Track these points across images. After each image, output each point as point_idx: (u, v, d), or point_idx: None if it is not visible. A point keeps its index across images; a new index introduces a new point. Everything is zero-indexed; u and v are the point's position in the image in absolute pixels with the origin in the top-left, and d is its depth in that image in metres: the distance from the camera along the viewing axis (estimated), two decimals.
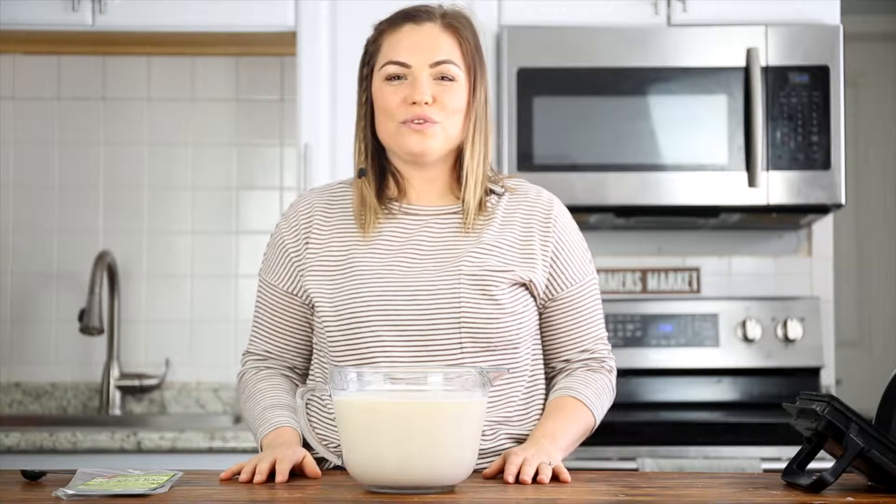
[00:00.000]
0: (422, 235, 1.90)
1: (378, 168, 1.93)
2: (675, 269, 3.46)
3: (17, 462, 2.72)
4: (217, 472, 1.75)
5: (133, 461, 2.83)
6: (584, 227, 3.38)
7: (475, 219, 1.89)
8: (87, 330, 3.28)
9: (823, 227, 3.47)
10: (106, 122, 3.53)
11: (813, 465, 1.62)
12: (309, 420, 1.87)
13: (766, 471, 2.67)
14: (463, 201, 1.90)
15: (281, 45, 3.36)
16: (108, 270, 3.39)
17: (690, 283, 3.45)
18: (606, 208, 3.13)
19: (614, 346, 3.33)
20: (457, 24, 1.90)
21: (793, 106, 3.10)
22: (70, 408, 3.45)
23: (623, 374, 3.34)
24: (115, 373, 3.41)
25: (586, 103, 3.11)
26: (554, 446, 1.77)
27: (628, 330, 3.33)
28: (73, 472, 1.64)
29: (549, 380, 1.98)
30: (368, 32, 1.97)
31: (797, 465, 1.62)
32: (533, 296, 1.91)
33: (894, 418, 1.58)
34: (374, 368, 1.72)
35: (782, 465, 1.69)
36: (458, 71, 1.88)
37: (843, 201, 3.11)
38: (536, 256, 1.90)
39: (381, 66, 1.88)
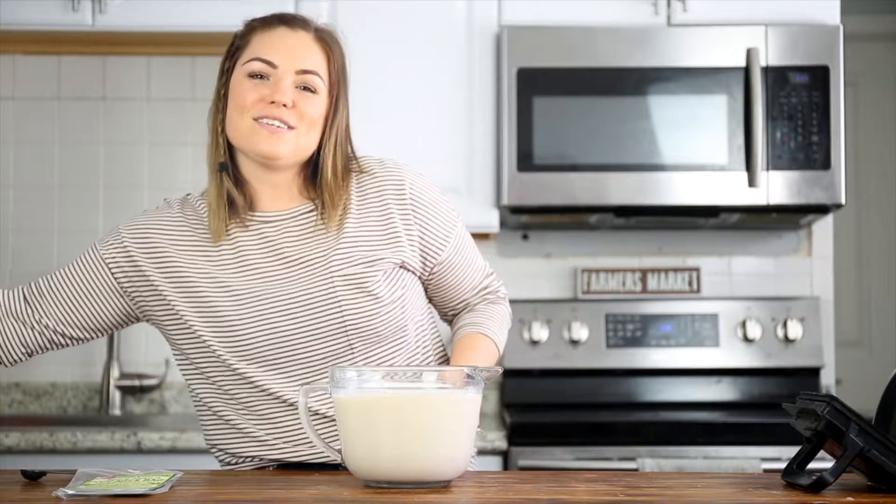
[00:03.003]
0: (282, 241, 1.87)
1: (225, 178, 1.89)
2: (675, 269, 3.46)
3: (17, 462, 2.72)
4: (217, 472, 1.75)
5: (133, 461, 2.83)
6: (584, 227, 3.41)
7: (331, 212, 1.87)
8: None
9: (823, 227, 3.47)
10: (106, 122, 3.53)
11: (813, 465, 1.62)
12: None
13: (766, 471, 2.67)
14: (324, 204, 1.87)
15: None
16: None
17: (690, 283, 3.45)
18: (606, 208, 3.13)
19: (614, 345, 3.33)
20: (328, 40, 1.90)
21: (793, 106, 3.10)
22: (70, 408, 3.45)
23: (623, 374, 3.36)
24: (115, 373, 3.41)
25: (586, 103, 3.11)
26: None
27: (628, 330, 3.34)
28: (73, 472, 1.64)
29: (450, 324, 2.03)
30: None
31: (797, 465, 1.62)
32: (410, 271, 1.91)
33: (894, 418, 1.58)
34: (372, 368, 1.73)
35: (782, 465, 1.69)
36: (322, 84, 1.86)
37: (843, 201, 3.11)
38: (401, 237, 1.89)
39: (246, 62, 1.86)
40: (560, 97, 3.11)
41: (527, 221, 3.33)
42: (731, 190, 3.10)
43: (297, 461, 1.86)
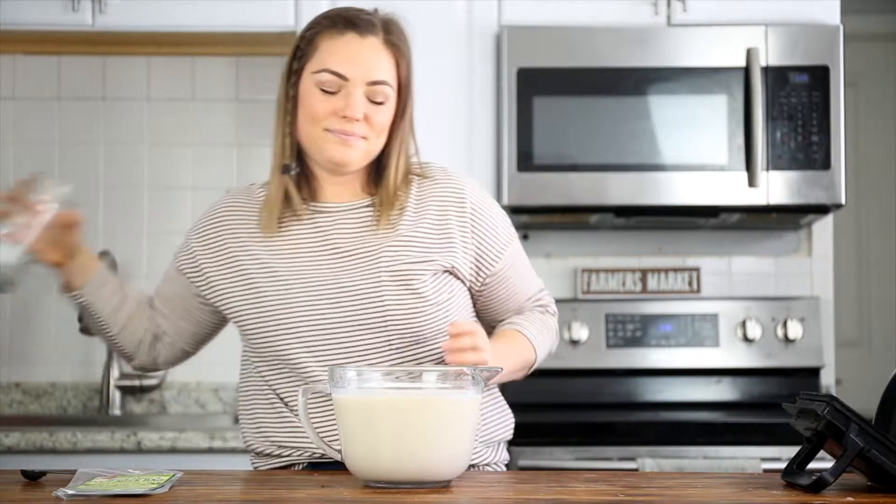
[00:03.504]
0: (336, 232, 1.90)
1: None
2: (675, 269, 3.46)
3: (17, 462, 2.71)
4: (217, 472, 1.75)
5: (133, 461, 2.83)
6: (584, 227, 3.41)
7: (388, 210, 1.90)
8: (87, 330, 3.27)
9: (823, 227, 3.47)
10: (106, 122, 3.53)
11: (813, 465, 1.62)
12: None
13: (766, 471, 2.67)
14: (383, 202, 1.90)
15: (281, 45, 3.35)
16: None
17: (690, 283, 3.45)
18: (606, 208, 3.13)
19: (614, 345, 3.33)
20: (397, 42, 1.89)
21: (793, 106, 3.10)
22: (70, 408, 3.45)
23: (623, 374, 3.35)
24: (115, 373, 3.41)
25: (586, 103, 3.11)
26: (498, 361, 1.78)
27: (628, 330, 3.34)
28: (73, 472, 1.64)
29: None
30: None
31: (797, 465, 1.62)
32: (460, 279, 1.92)
33: (894, 418, 1.58)
34: (372, 368, 1.73)
35: (782, 465, 1.69)
36: (391, 92, 1.88)
37: (843, 201, 3.11)
38: (456, 243, 1.90)
39: (317, 71, 1.86)
40: (560, 97, 3.11)
41: (527, 221, 3.33)
42: (731, 190, 3.10)
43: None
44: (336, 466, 1.72)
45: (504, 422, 1.99)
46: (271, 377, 1.91)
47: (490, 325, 2.01)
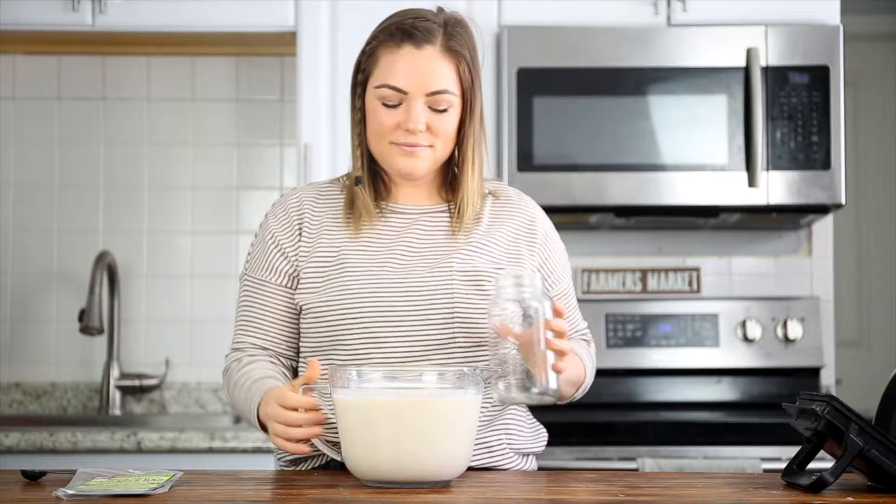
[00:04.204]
0: (411, 233, 1.93)
1: (370, 172, 1.96)
2: (675, 269, 3.46)
3: (17, 462, 2.72)
4: (217, 472, 1.75)
5: (133, 461, 2.83)
6: (584, 227, 3.41)
7: (464, 218, 1.93)
8: (87, 330, 3.28)
9: (823, 227, 3.47)
10: (106, 122, 3.54)
11: (813, 465, 1.62)
12: None
13: (766, 471, 2.67)
14: (461, 209, 1.92)
15: (281, 45, 3.36)
16: (108, 270, 3.39)
17: (690, 283, 3.45)
18: (606, 208, 3.13)
19: (614, 345, 3.34)
20: (456, 47, 1.88)
21: (793, 106, 3.10)
22: (70, 408, 3.45)
23: (623, 374, 3.35)
24: (115, 373, 3.41)
25: (586, 103, 3.11)
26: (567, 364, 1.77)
27: (628, 330, 3.34)
28: (73, 472, 1.64)
29: None
30: (368, 33, 1.96)
31: (797, 465, 1.62)
32: None
33: (894, 418, 1.58)
34: (372, 368, 1.73)
35: (782, 465, 1.69)
36: (454, 98, 1.89)
37: (843, 201, 3.11)
38: (524, 260, 1.95)
39: (378, 86, 1.88)
40: (560, 97, 3.11)
41: None
42: (731, 190, 3.10)
43: None
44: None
45: (538, 435, 2.00)
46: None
47: None
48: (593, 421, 2.93)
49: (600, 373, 3.32)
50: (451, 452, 1.56)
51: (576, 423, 2.90)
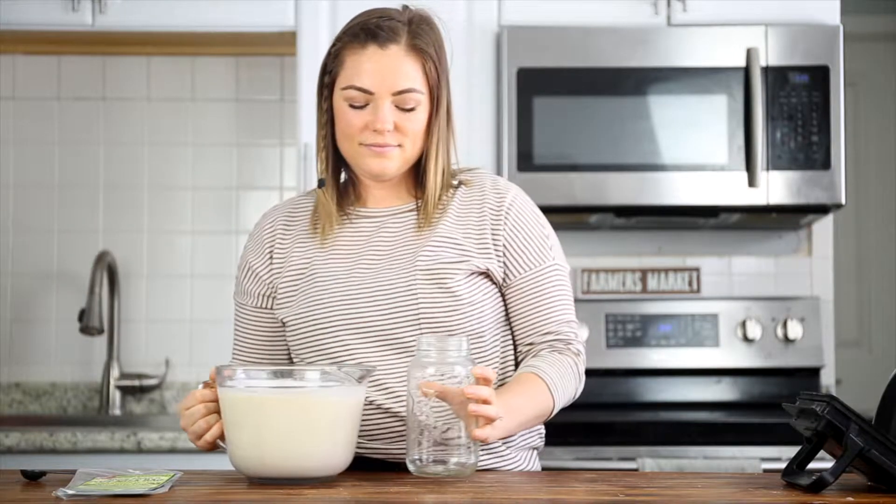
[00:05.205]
0: (379, 237, 1.92)
1: (336, 177, 1.96)
2: (675, 269, 3.46)
3: (17, 462, 2.72)
4: (217, 471, 1.75)
5: (133, 461, 2.83)
6: (584, 227, 3.41)
7: (430, 212, 1.91)
8: (87, 330, 3.28)
9: (823, 227, 3.47)
10: (106, 122, 3.53)
11: (813, 465, 1.62)
12: None
13: (766, 471, 2.67)
14: (425, 205, 1.91)
15: (281, 45, 3.36)
16: (108, 270, 3.39)
17: (690, 283, 3.45)
18: (606, 208, 3.13)
19: (614, 345, 3.33)
20: (422, 45, 1.88)
21: (793, 106, 3.10)
22: (70, 408, 3.45)
23: (623, 374, 3.35)
24: (115, 373, 3.41)
25: (586, 103, 3.11)
26: (507, 419, 1.72)
27: (628, 330, 3.34)
28: (73, 472, 1.64)
29: (517, 365, 1.96)
30: None
31: (797, 465, 1.62)
32: (495, 283, 1.92)
33: (894, 418, 1.58)
34: (259, 366, 1.81)
35: (782, 465, 1.69)
36: (421, 97, 1.88)
37: (843, 201, 3.11)
38: (489, 245, 1.90)
39: (344, 88, 1.87)
40: (560, 97, 3.11)
41: None
42: (731, 190, 3.10)
43: (376, 458, 1.86)
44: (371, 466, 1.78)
45: (536, 430, 1.98)
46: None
47: (512, 338, 1.97)
48: (593, 421, 2.93)
49: (600, 373, 3.35)
50: (331, 449, 1.60)
51: (575, 423, 2.90)
